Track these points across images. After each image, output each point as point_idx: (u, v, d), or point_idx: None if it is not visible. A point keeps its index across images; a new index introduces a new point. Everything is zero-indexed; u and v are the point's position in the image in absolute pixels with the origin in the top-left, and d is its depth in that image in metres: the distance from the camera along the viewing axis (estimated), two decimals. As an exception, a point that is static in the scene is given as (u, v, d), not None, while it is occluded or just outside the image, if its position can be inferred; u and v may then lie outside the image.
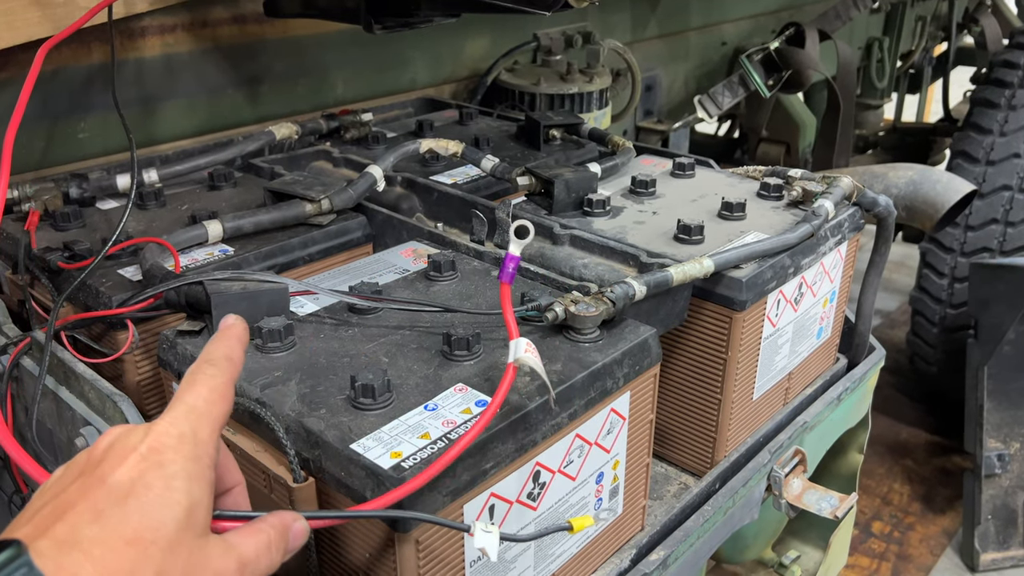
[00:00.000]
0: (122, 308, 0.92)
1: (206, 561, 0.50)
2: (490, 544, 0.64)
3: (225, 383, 0.58)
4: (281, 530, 0.57)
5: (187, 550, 0.49)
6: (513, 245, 0.76)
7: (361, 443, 0.71)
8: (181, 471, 0.51)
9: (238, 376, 0.60)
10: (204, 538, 0.51)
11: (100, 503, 0.48)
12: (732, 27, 2.84)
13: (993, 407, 2.29)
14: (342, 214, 1.16)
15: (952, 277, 2.60)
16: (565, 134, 1.51)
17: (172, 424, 0.53)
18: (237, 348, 0.61)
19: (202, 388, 0.56)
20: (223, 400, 0.57)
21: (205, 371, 0.58)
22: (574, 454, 0.84)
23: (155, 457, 0.51)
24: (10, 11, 1.18)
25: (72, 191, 1.18)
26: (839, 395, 1.28)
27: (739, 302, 1.02)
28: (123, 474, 0.49)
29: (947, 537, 2.52)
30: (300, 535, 0.59)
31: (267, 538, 0.56)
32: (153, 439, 0.52)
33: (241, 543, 0.54)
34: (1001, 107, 2.65)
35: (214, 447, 0.55)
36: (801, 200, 1.20)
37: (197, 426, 0.54)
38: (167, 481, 0.50)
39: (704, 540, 1.05)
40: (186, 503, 0.50)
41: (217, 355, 0.60)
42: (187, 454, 0.52)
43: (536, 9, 1.14)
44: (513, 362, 0.72)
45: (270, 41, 1.61)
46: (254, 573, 0.54)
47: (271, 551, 0.56)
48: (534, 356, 0.73)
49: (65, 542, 0.46)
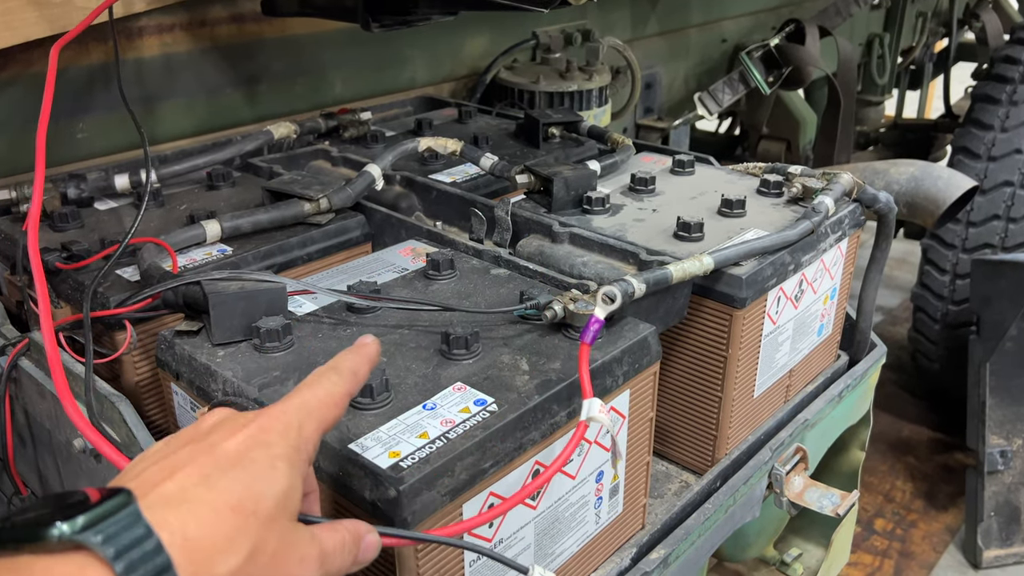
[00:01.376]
0: (120, 308, 0.92)
1: (295, 543, 0.52)
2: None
3: (342, 393, 0.60)
4: (355, 535, 0.59)
5: (281, 528, 0.50)
6: (599, 309, 0.79)
7: (359, 443, 0.71)
8: (284, 455, 0.53)
9: (356, 393, 0.62)
10: (294, 523, 0.53)
11: (208, 468, 0.49)
12: (732, 24, 2.83)
13: (995, 403, 2.29)
14: (341, 213, 1.16)
15: (954, 273, 2.59)
16: (564, 132, 1.51)
17: (283, 413, 0.55)
18: (365, 366, 0.63)
19: (320, 390, 0.59)
20: (335, 407, 0.59)
21: (329, 376, 0.60)
22: (574, 453, 0.83)
23: (263, 436, 0.53)
24: (8, 11, 1.18)
25: (70, 191, 1.18)
26: (840, 392, 1.28)
27: (739, 299, 1.02)
28: (232, 445, 0.51)
29: (950, 534, 2.51)
30: (372, 548, 0.60)
31: (343, 538, 0.57)
32: (264, 420, 0.54)
33: (324, 536, 0.55)
34: (1002, 103, 2.64)
35: (314, 447, 0.57)
36: (801, 197, 1.20)
37: (305, 422, 0.56)
38: (271, 460, 0.52)
39: (705, 538, 1.04)
40: (285, 484, 0.52)
41: (344, 366, 0.62)
42: (291, 442, 0.54)
43: (534, 7, 1.13)
44: (584, 419, 0.73)
45: (268, 40, 1.61)
46: (331, 566, 0.55)
47: (344, 552, 0.57)
48: (606, 417, 0.74)
49: (172, 498, 0.47)
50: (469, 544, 0.68)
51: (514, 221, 1.13)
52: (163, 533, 0.44)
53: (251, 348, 0.84)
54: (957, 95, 3.96)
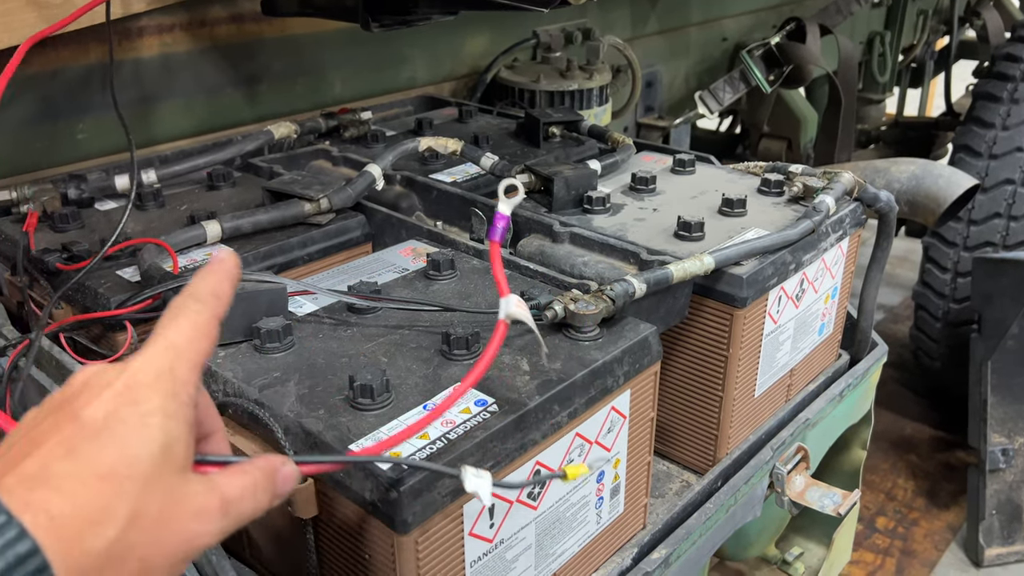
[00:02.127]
0: (121, 309, 0.92)
1: (186, 498, 0.49)
2: (482, 489, 0.62)
3: (208, 320, 0.55)
4: (268, 472, 0.55)
5: (165, 486, 0.48)
6: (502, 204, 0.76)
7: (360, 444, 0.71)
8: (157, 408, 0.49)
9: (223, 314, 0.56)
10: (183, 475, 0.50)
11: (72, 438, 0.46)
12: (733, 22, 2.83)
13: (997, 402, 2.29)
14: (341, 213, 1.16)
15: (955, 272, 2.59)
16: (565, 131, 1.50)
17: (149, 361, 0.51)
18: (226, 284, 0.57)
19: (184, 324, 0.54)
20: (205, 338, 0.54)
21: (189, 306, 0.55)
22: (574, 453, 0.83)
23: (130, 394, 0.49)
24: (7, 12, 1.18)
25: (71, 192, 1.18)
26: (841, 391, 1.27)
27: (740, 299, 1.02)
28: (97, 409, 0.48)
29: (951, 532, 2.51)
30: (289, 479, 0.57)
31: (252, 479, 0.54)
32: (129, 376, 0.50)
33: (225, 482, 0.52)
34: (1003, 101, 2.64)
35: (193, 386, 0.53)
36: (802, 196, 1.19)
37: (175, 363, 0.52)
38: (142, 417, 0.48)
39: (706, 538, 1.04)
40: (162, 439, 0.48)
41: (203, 290, 0.56)
42: (164, 391, 0.50)
43: (534, 6, 1.13)
44: (504, 318, 0.71)
45: (268, 40, 1.61)
46: (238, 513, 0.52)
47: (256, 492, 0.54)
48: (524, 311, 0.72)
49: (34, 478, 0.44)
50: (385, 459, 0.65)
51: (515, 221, 1.13)
52: (25, 516, 0.42)
53: (251, 349, 0.84)
54: (958, 93, 3.96)
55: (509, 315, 0.70)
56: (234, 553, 0.91)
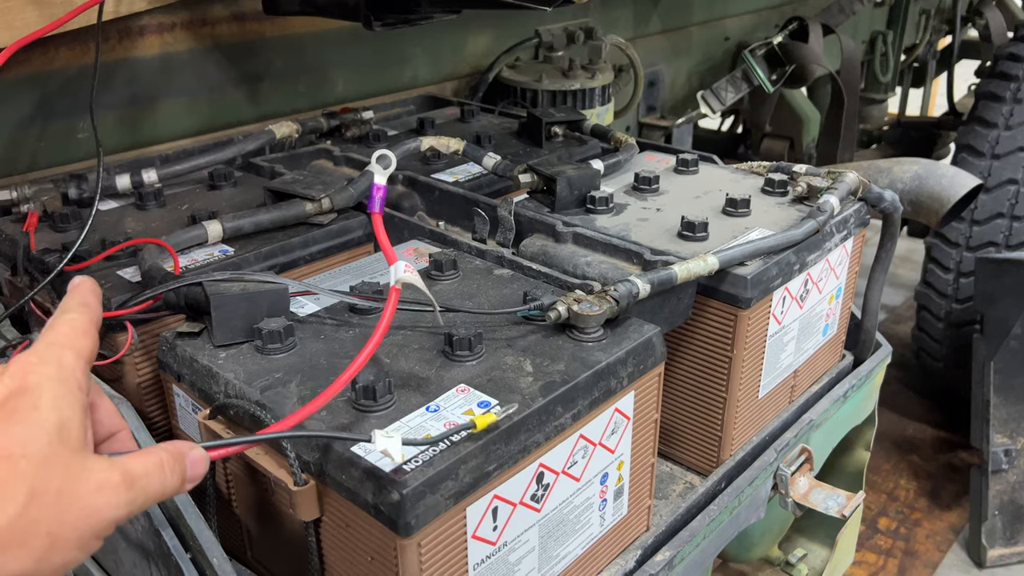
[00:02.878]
0: (121, 310, 0.91)
1: (86, 474, 0.51)
2: (392, 446, 0.64)
3: (85, 322, 0.59)
4: (174, 453, 0.57)
5: (62, 463, 0.50)
6: (378, 175, 0.77)
7: (362, 445, 0.70)
8: (47, 391, 0.52)
9: (98, 320, 0.61)
10: (82, 453, 0.52)
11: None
12: (735, 22, 2.82)
13: (1000, 402, 2.28)
14: (343, 213, 1.15)
15: (958, 272, 2.58)
16: (567, 131, 1.50)
17: (34, 353, 0.55)
18: (89, 296, 0.62)
19: (62, 326, 0.58)
20: (85, 335, 0.58)
21: (62, 316, 0.59)
22: (578, 455, 0.83)
23: (18, 382, 0.52)
24: (8, 10, 1.17)
25: (71, 192, 1.17)
26: (845, 392, 1.27)
27: (744, 299, 1.01)
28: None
29: (954, 533, 2.50)
30: (199, 462, 0.59)
31: (158, 459, 0.56)
32: (16, 367, 0.53)
33: (129, 459, 0.54)
34: (1006, 100, 2.63)
35: (82, 372, 0.55)
36: (806, 196, 1.19)
37: (60, 353, 0.55)
38: (33, 401, 0.51)
39: (710, 540, 1.04)
40: (55, 419, 0.51)
41: (71, 304, 0.60)
42: (52, 376, 0.53)
43: (537, 5, 1.13)
44: (395, 284, 0.74)
45: (270, 39, 1.60)
46: (145, 490, 0.54)
47: (163, 470, 0.56)
48: (413, 275, 0.74)
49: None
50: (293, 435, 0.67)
51: (517, 221, 1.12)
52: None
53: (253, 349, 0.84)
54: (960, 93, 3.95)
55: (399, 280, 0.74)
56: (236, 555, 0.91)
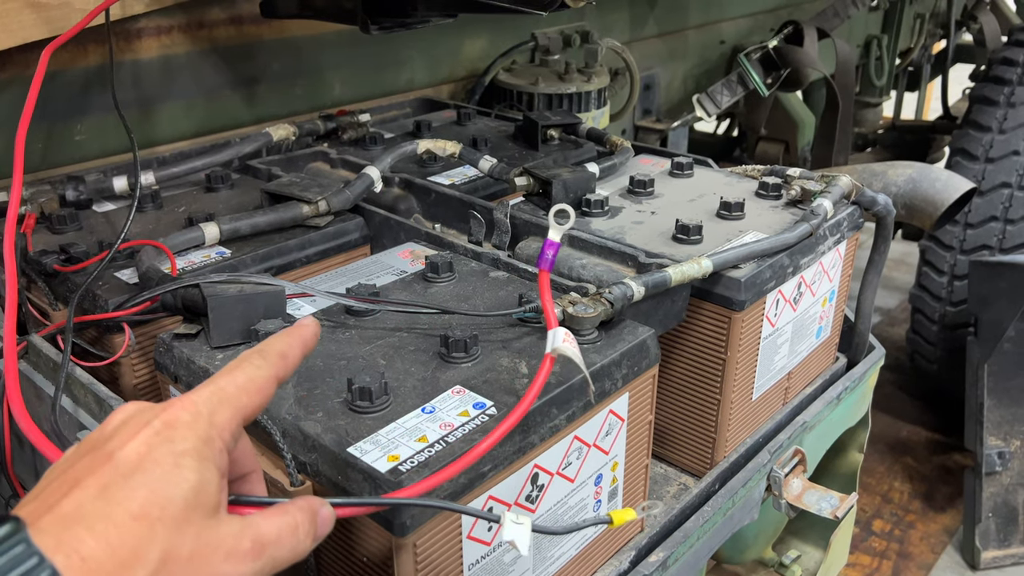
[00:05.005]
0: (118, 311, 0.92)
1: (217, 540, 0.48)
2: (520, 536, 0.60)
3: (267, 378, 0.55)
4: (309, 514, 0.54)
5: (196, 528, 0.48)
6: (553, 231, 0.73)
7: (358, 446, 0.71)
8: (191, 449, 0.49)
9: (287, 377, 0.58)
10: (215, 518, 0.49)
11: (106, 478, 0.46)
12: (731, 25, 2.83)
13: (993, 404, 2.29)
14: (339, 215, 1.16)
15: (952, 275, 2.60)
16: (563, 134, 1.51)
17: (192, 403, 0.52)
18: (296, 349, 0.59)
19: (239, 375, 0.55)
20: (258, 393, 0.55)
21: (252, 360, 0.56)
22: (572, 456, 0.83)
23: (166, 432, 0.49)
24: (5, 14, 1.18)
25: (69, 194, 1.18)
26: (839, 394, 1.28)
27: (738, 302, 1.02)
28: (132, 450, 0.48)
29: (948, 535, 2.51)
30: (327, 521, 0.56)
31: (293, 520, 0.53)
32: (168, 415, 0.50)
33: (262, 523, 0.52)
34: (1000, 104, 2.65)
35: (230, 434, 0.53)
36: (800, 199, 1.20)
37: (217, 408, 0.52)
38: (176, 458, 0.48)
39: (704, 541, 1.04)
40: (195, 481, 0.48)
41: (272, 349, 0.57)
42: (199, 433, 0.50)
43: (533, 9, 1.13)
44: (551, 352, 0.69)
45: (267, 42, 1.61)
46: (275, 555, 0.51)
47: (297, 534, 0.53)
48: (572, 346, 0.70)
49: (68, 517, 0.44)
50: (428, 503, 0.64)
51: (513, 223, 1.13)
52: (58, 558, 0.42)
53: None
54: (955, 97, 3.97)
55: (556, 350, 0.69)
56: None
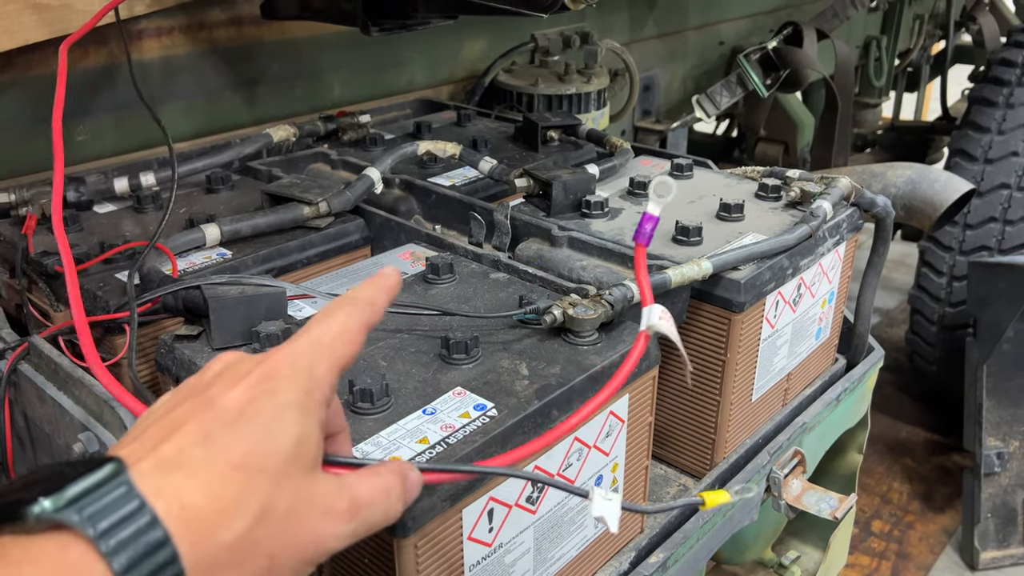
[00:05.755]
0: (119, 312, 0.92)
1: (314, 497, 0.48)
2: (610, 513, 0.59)
3: (358, 325, 0.54)
4: (401, 477, 0.53)
5: (295, 483, 0.47)
6: (652, 204, 0.69)
7: (359, 448, 0.71)
8: (293, 401, 0.48)
9: (375, 324, 0.56)
10: (313, 474, 0.48)
11: (208, 425, 0.46)
12: (730, 27, 2.84)
13: (992, 405, 2.29)
14: (340, 217, 1.16)
15: (951, 275, 2.60)
16: (563, 135, 1.51)
17: (290, 354, 0.51)
18: (383, 296, 0.57)
19: (333, 324, 0.53)
20: (351, 343, 0.53)
21: (344, 307, 0.54)
22: (573, 457, 0.83)
23: (268, 383, 0.48)
24: (6, 15, 1.18)
25: (70, 195, 1.18)
26: (838, 396, 1.28)
27: (737, 304, 1.02)
28: (233, 398, 0.47)
29: (947, 535, 2.52)
30: (416, 486, 0.55)
31: (386, 482, 0.52)
32: (268, 366, 0.49)
33: (357, 483, 0.50)
34: (999, 105, 2.65)
35: (329, 386, 0.52)
36: (799, 201, 1.20)
37: (315, 360, 0.51)
38: (278, 410, 0.47)
39: (704, 542, 1.05)
40: (296, 434, 0.47)
41: (361, 297, 0.56)
42: (301, 386, 0.49)
43: (533, 11, 1.14)
44: (646, 329, 0.68)
45: (267, 43, 1.61)
46: (368, 518, 0.50)
47: (390, 497, 0.52)
48: (669, 324, 0.69)
49: (169, 462, 0.43)
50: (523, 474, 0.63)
51: (513, 225, 1.13)
52: (158, 503, 0.41)
53: (251, 352, 0.84)
54: (954, 97, 3.97)
55: (651, 327, 0.68)
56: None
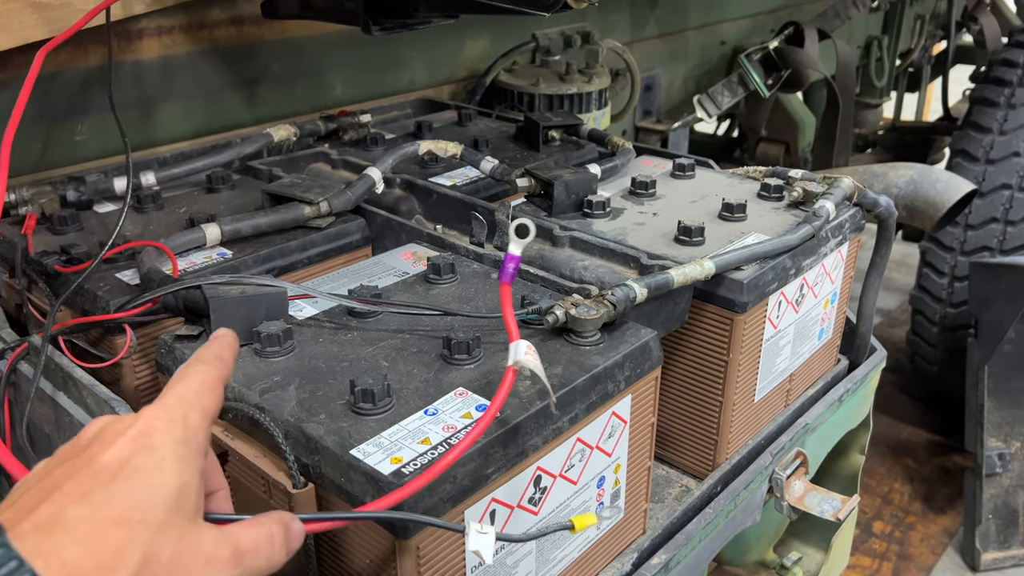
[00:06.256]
0: (120, 312, 0.92)
1: (197, 545, 0.49)
2: (484, 546, 0.62)
3: (215, 378, 0.58)
4: (283, 526, 0.56)
5: (177, 533, 0.48)
6: (513, 245, 0.75)
7: (361, 448, 0.71)
8: (171, 453, 0.50)
9: (228, 377, 0.61)
10: (195, 523, 0.50)
11: (86, 484, 0.47)
12: (731, 26, 2.83)
13: (994, 406, 2.29)
14: (341, 216, 1.15)
15: (952, 276, 2.60)
16: (564, 135, 1.50)
17: (162, 410, 0.53)
18: (227, 351, 0.62)
19: (192, 381, 0.57)
20: (212, 393, 0.57)
21: (195, 367, 0.58)
22: (575, 458, 0.83)
23: (144, 439, 0.50)
24: (6, 14, 1.18)
25: (69, 194, 1.17)
26: (840, 396, 1.27)
27: (740, 304, 1.02)
28: (111, 455, 0.48)
29: (948, 536, 2.51)
30: (297, 536, 0.58)
31: (269, 531, 0.54)
32: (143, 423, 0.51)
33: (239, 532, 0.53)
34: (1000, 105, 2.65)
35: (204, 435, 0.54)
36: (802, 201, 1.19)
37: (187, 412, 0.54)
38: (156, 462, 0.49)
39: (706, 543, 1.04)
40: (176, 484, 0.49)
41: (207, 355, 0.60)
42: (177, 437, 0.51)
43: (535, 10, 1.13)
44: (513, 364, 0.71)
45: (268, 42, 1.61)
46: (252, 564, 0.52)
47: (273, 544, 0.54)
48: (534, 359, 0.72)
49: (48, 523, 0.44)
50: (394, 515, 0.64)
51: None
52: (38, 562, 0.42)
53: (252, 353, 0.84)
54: (955, 98, 3.97)
55: (518, 362, 0.71)
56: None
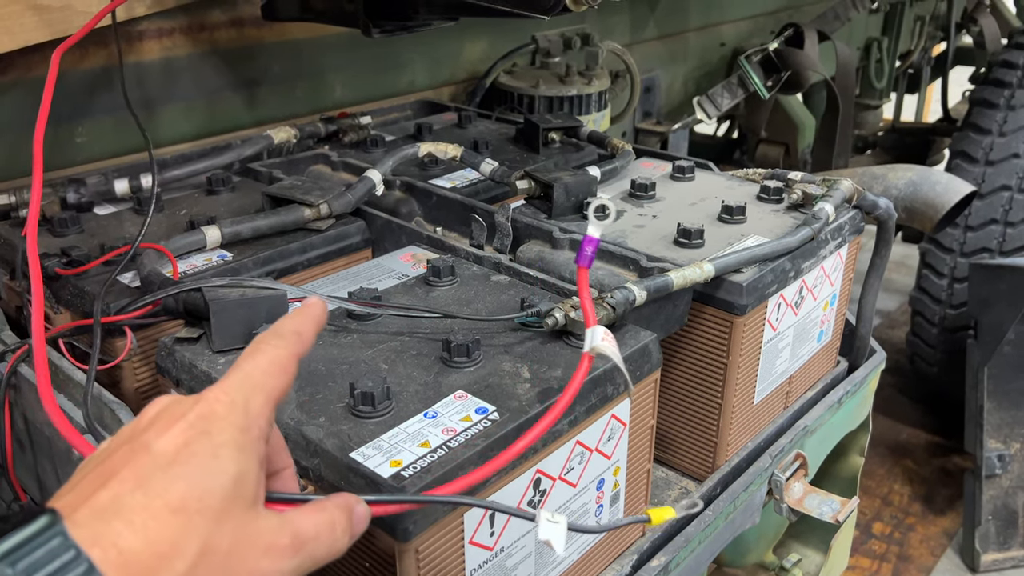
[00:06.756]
0: (120, 315, 0.92)
1: (256, 534, 0.48)
2: (556, 536, 0.59)
3: (287, 356, 0.55)
4: (346, 511, 0.54)
5: (235, 522, 0.47)
6: (592, 227, 0.71)
7: (360, 451, 0.71)
8: (229, 440, 0.49)
9: (304, 354, 0.57)
10: (254, 511, 0.49)
11: (144, 470, 0.46)
12: (731, 28, 2.83)
13: (993, 407, 2.29)
14: (341, 219, 1.15)
15: (952, 277, 2.60)
16: (564, 137, 1.51)
17: (224, 392, 0.51)
18: (310, 326, 0.58)
19: (262, 358, 0.54)
20: (282, 373, 0.54)
21: (270, 341, 0.55)
22: (575, 461, 0.83)
23: (202, 425, 0.49)
24: (7, 16, 1.18)
25: (70, 196, 1.18)
26: (840, 398, 1.28)
27: (739, 306, 1.02)
28: (168, 441, 0.47)
29: (947, 538, 2.51)
30: (362, 519, 0.55)
31: (331, 517, 0.52)
32: (202, 407, 0.50)
33: (300, 519, 0.51)
34: (1000, 107, 2.65)
35: (266, 420, 0.52)
36: (801, 203, 1.20)
37: (250, 396, 0.51)
38: (214, 449, 0.48)
39: (705, 545, 1.04)
40: (234, 472, 0.48)
41: (286, 329, 0.57)
42: (236, 423, 0.50)
43: (534, 13, 1.13)
44: (589, 351, 0.69)
45: (268, 44, 1.61)
46: (313, 553, 0.51)
47: (335, 531, 0.52)
48: (611, 345, 0.69)
49: (105, 510, 0.44)
50: (464, 500, 0.63)
51: (514, 227, 1.13)
52: (95, 551, 0.41)
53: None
54: (955, 99, 3.97)
55: (594, 348, 0.69)
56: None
